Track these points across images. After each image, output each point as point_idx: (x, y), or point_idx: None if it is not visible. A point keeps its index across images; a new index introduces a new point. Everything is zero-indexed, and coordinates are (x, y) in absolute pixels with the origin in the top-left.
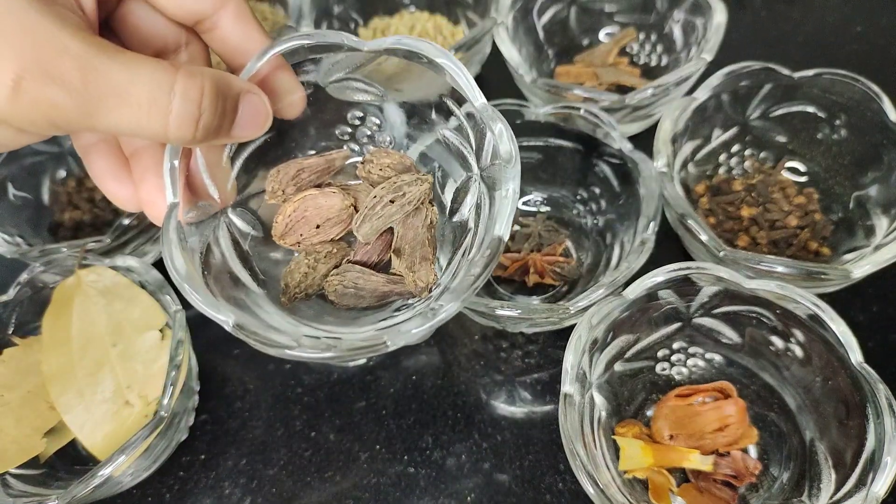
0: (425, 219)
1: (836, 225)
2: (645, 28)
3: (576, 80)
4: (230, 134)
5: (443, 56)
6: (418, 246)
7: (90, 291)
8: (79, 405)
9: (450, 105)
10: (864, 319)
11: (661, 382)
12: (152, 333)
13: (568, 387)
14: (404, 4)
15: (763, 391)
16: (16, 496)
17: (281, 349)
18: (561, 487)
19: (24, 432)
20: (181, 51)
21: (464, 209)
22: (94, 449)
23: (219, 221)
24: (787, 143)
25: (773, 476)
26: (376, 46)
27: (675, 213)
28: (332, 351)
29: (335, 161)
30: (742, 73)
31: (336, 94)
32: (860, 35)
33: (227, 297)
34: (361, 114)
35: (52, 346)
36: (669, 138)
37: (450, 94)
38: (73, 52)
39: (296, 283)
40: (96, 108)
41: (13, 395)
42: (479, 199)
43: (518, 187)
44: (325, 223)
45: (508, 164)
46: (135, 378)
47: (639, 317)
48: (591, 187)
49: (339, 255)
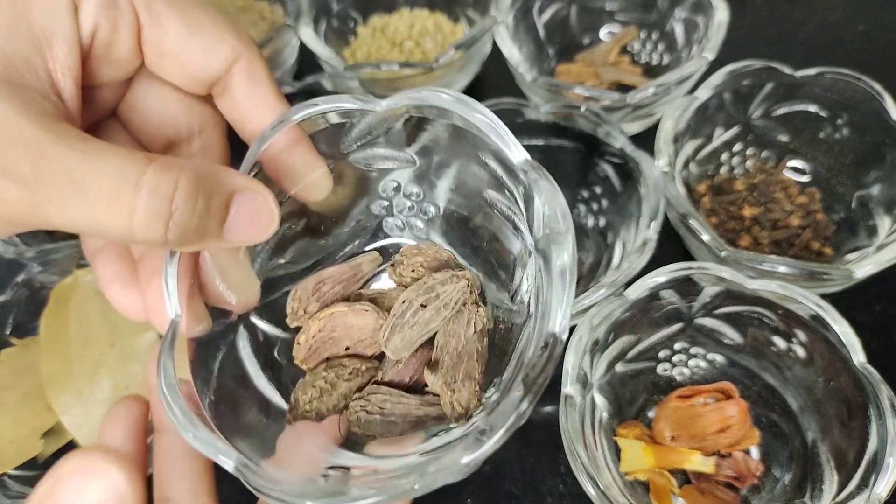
0: (468, 324)
1: (839, 225)
2: (646, 26)
3: (576, 79)
4: (222, 237)
5: (464, 106)
6: (464, 358)
7: (88, 291)
8: (77, 406)
9: (489, 162)
10: (866, 320)
11: (662, 383)
12: (150, 334)
13: (569, 388)
14: (404, 2)
15: (765, 392)
16: (14, 497)
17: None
18: (562, 489)
19: (22, 433)
20: (194, 139)
21: (521, 291)
22: None
23: (238, 330)
24: (788, 143)
25: (775, 477)
26: (394, 105)
27: (676, 212)
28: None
29: (362, 267)
30: (744, 71)
31: (361, 164)
32: (862, 34)
33: (241, 425)
34: (396, 182)
35: (50, 347)
36: (671, 137)
37: (488, 149)
38: (27, 140)
39: (307, 401)
40: (48, 201)
41: (11, 396)
42: (539, 279)
43: (573, 263)
44: (357, 344)
45: (559, 234)
46: (133, 379)
47: (640, 317)
48: (593, 187)
49: (367, 375)
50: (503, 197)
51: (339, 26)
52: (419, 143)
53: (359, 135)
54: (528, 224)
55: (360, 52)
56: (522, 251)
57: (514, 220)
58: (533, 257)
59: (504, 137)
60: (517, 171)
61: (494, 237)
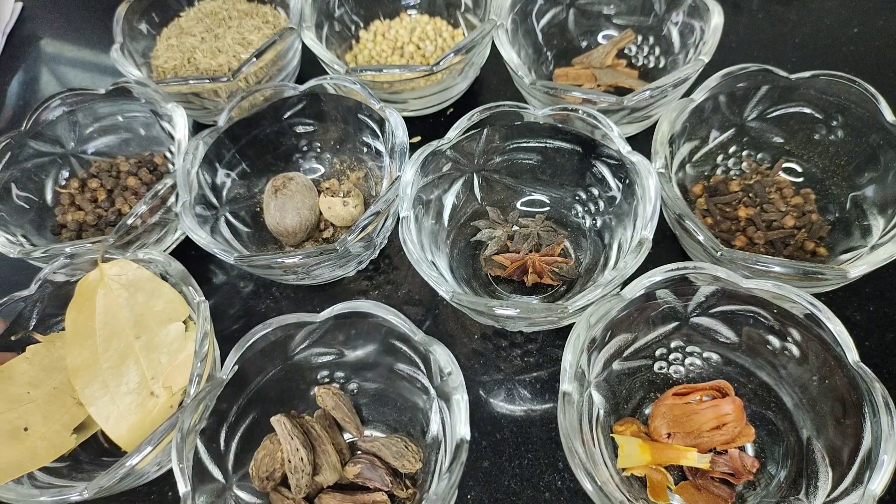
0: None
1: (833, 225)
2: (643, 30)
3: (574, 82)
4: None
5: (381, 309)
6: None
7: (113, 285)
8: (104, 397)
9: (397, 344)
10: (860, 319)
11: (658, 381)
12: (176, 325)
13: (566, 385)
14: (405, 7)
15: (760, 390)
16: (42, 487)
17: None
18: (560, 485)
19: (52, 429)
20: None
21: (433, 428)
22: (120, 440)
23: (226, 497)
24: (784, 144)
25: (771, 474)
26: (327, 315)
27: (672, 213)
28: None
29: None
30: (739, 74)
31: (303, 364)
32: (857, 36)
33: None
34: (328, 371)
35: (76, 340)
36: (667, 139)
37: (395, 336)
38: None
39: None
40: None
41: (40, 393)
42: (442, 415)
43: (465, 393)
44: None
45: (452, 376)
46: (159, 369)
47: (637, 316)
48: (590, 188)
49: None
50: (408, 366)
51: (341, 30)
52: (345, 340)
53: (299, 341)
54: (428, 377)
55: (361, 55)
56: (427, 399)
57: (418, 379)
58: (435, 401)
59: (407, 324)
60: (417, 344)
61: (403, 397)
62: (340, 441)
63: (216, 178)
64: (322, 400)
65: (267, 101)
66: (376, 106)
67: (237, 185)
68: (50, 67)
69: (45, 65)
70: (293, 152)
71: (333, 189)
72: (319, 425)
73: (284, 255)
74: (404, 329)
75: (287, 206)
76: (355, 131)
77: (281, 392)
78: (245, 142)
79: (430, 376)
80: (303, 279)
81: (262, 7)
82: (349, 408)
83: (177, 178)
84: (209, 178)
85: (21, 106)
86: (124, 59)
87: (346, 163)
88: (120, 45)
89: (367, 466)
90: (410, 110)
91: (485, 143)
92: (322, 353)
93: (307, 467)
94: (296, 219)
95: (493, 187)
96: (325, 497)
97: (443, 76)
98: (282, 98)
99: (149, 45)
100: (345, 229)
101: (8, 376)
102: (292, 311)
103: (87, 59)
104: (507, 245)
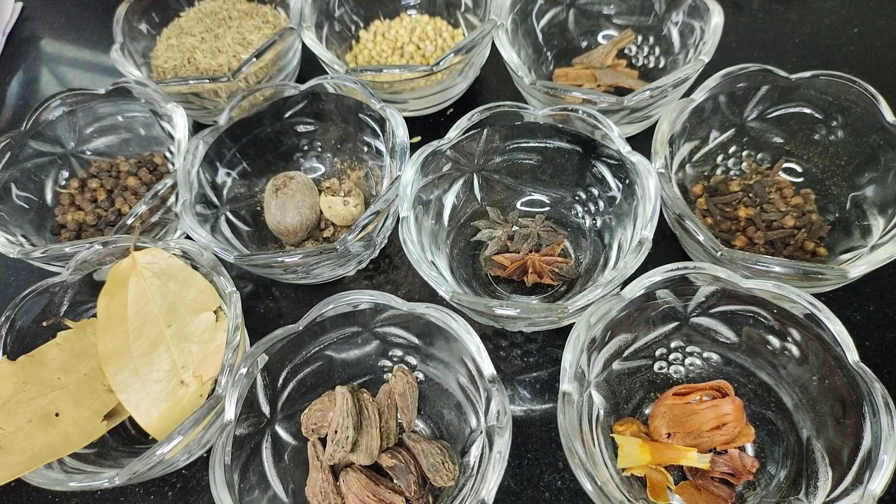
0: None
1: (833, 225)
2: (643, 30)
3: (574, 82)
4: None
5: (462, 329)
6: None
7: (145, 273)
8: (134, 384)
9: (466, 361)
10: (860, 319)
11: (658, 381)
12: (207, 315)
13: (566, 385)
14: (405, 7)
15: (760, 390)
16: (70, 472)
17: None
18: (560, 485)
19: (84, 415)
20: None
21: (472, 454)
22: (150, 427)
23: (265, 434)
24: (784, 144)
25: (770, 474)
26: (412, 309)
27: (672, 213)
28: None
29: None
30: (739, 74)
31: (381, 338)
32: (857, 37)
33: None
34: (401, 353)
35: (108, 327)
36: (667, 139)
37: (468, 355)
38: None
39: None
40: None
41: (71, 379)
42: (483, 452)
43: (507, 454)
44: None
45: (501, 428)
46: (189, 358)
47: (637, 316)
48: (590, 188)
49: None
50: (471, 386)
51: (341, 30)
52: (427, 335)
53: (383, 319)
54: (485, 411)
55: (361, 56)
56: (476, 427)
57: (475, 402)
58: (482, 435)
59: (481, 353)
60: (485, 378)
61: (459, 406)
62: (390, 426)
63: (217, 177)
64: (394, 380)
65: (267, 100)
66: (377, 105)
67: (238, 184)
68: (50, 67)
69: (45, 65)
70: (294, 151)
71: (334, 188)
72: (374, 407)
73: (285, 255)
74: (479, 362)
75: (287, 206)
76: (356, 131)
77: (349, 354)
78: (246, 141)
79: (487, 413)
80: (303, 278)
81: (262, 7)
82: (414, 400)
83: (177, 177)
84: (210, 177)
85: (21, 106)
86: (124, 59)
87: (347, 162)
88: (120, 45)
89: (401, 467)
90: (410, 110)
91: (485, 143)
92: (401, 336)
93: (348, 446)
94: (296, 218)
95: (493, 187)
96: (350, 473)
97: (443, 76)
98: (282, 97)
99: (149, 45)
100: (345, 228)
101: (39, 362)
102: (291, 312)
103: (87, 59)
104: (507, 245)
